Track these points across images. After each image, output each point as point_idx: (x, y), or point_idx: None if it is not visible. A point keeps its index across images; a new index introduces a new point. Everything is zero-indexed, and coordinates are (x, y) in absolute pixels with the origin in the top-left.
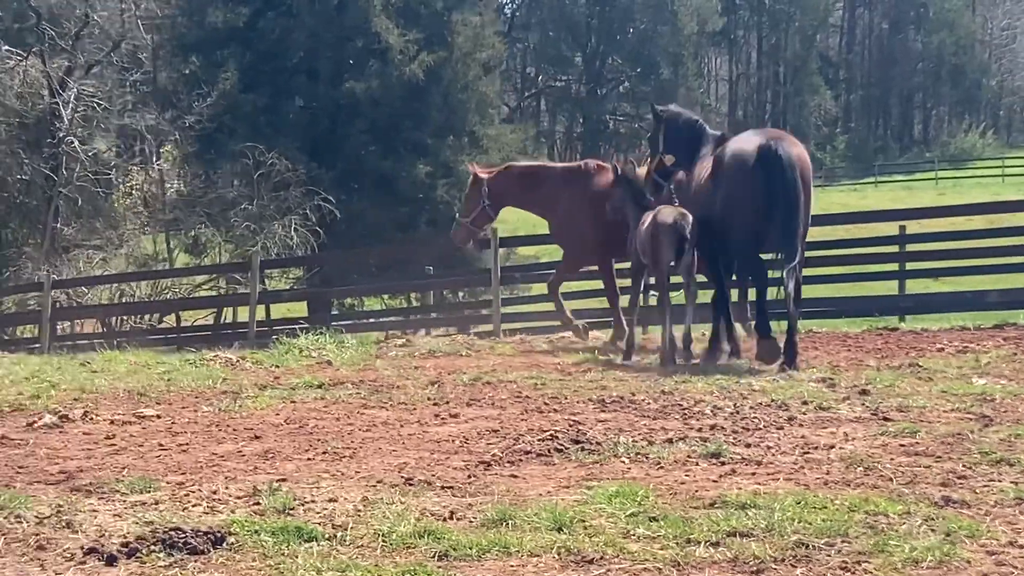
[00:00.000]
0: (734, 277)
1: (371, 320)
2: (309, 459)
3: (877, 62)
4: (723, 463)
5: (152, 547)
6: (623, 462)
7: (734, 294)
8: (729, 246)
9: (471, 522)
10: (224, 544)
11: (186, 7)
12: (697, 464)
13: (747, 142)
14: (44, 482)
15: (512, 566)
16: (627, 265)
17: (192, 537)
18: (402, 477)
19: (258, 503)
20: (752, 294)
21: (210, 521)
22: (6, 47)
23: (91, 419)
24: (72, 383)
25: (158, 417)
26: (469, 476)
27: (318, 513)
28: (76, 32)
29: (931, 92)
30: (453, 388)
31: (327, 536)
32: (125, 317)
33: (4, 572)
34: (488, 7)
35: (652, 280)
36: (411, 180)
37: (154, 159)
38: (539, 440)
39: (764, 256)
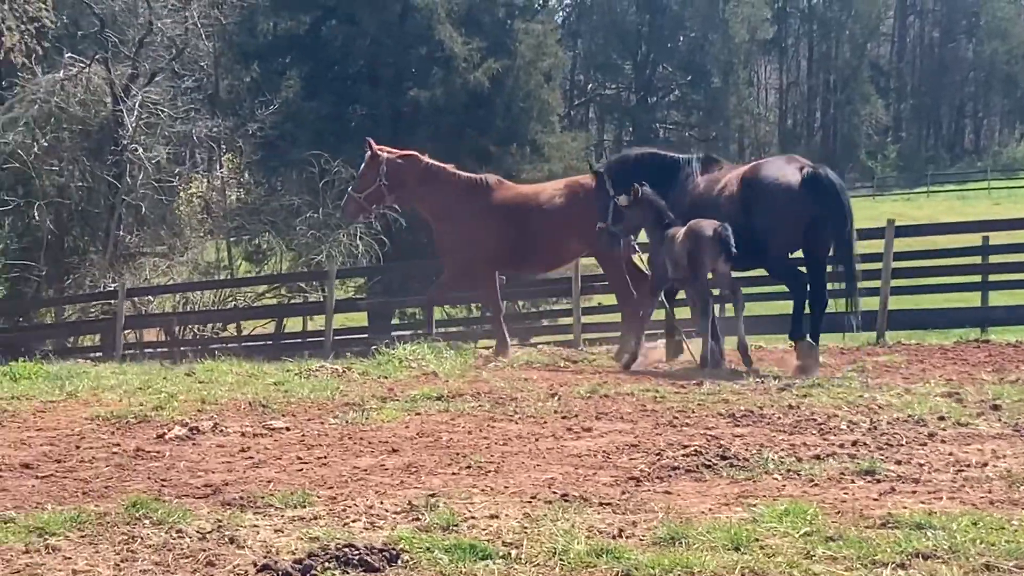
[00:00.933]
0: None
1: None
2: (454, 473)
3: (928, 71)
4: (879, 481)
5: (326, 564)
6: (775, 479)
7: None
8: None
9: (641, 540)
10: (399, 561)
11: (248, 16)
12: (853, 481)
13: (785, 168)
14: (192, 496)
15: None
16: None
17: (367, 554)
18: (555, 493)
19: (418, 519)
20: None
21: (373, 537)
22: (69, 55)
23: (221, 431)
24: (189, 394)
25: (287, 429)
26: (623, 492)
27: (483, 530)
28: (139, 39)
29: (983, 101)
30: (574, 401)
31: (501, 554)
32: (189, 326)
33: None
34: (549, 15)
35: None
36: None
37: (217, 167)
38: (683, 455)
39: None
